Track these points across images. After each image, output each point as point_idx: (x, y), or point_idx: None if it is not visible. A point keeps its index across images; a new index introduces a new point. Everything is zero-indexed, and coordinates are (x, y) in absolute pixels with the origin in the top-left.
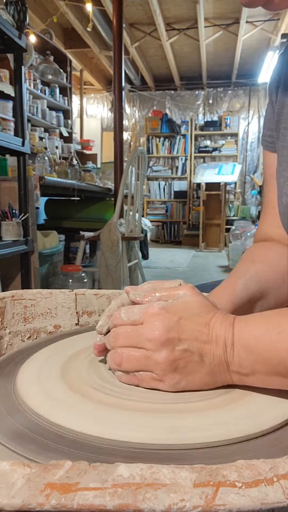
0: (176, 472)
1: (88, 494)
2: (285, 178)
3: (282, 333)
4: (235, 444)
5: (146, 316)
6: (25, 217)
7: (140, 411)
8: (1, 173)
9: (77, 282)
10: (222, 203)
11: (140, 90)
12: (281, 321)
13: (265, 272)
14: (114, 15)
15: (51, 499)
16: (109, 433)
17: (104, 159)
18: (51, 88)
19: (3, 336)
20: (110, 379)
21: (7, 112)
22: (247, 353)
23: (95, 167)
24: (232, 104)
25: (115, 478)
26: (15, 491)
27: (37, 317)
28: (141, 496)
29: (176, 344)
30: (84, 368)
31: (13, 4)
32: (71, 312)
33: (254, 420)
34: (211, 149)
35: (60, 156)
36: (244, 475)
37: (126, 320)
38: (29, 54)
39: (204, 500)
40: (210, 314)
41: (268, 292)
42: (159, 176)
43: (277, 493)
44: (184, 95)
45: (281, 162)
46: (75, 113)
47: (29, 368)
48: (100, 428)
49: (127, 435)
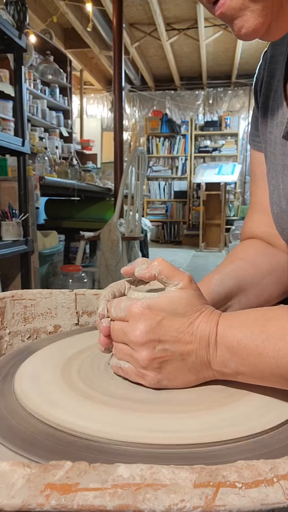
0: (176, 472)
1: (88, 495)
2: (274, 186)
3: (268, 341)
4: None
5: (130, 315)
6: (25, 217)
7: (138, 411)
8: (1, 173)
9: (77, 282)
10: (222, 203)
11: (140, 90)
12: (266, 326)
13: (244, 268)
14: (114, 15)
15: (51, 499)
16: (109, 432)
17: (104, 159)
18: (51, 88)
19: (3, 336)
20: (109, 379)
21: (7, 112)
22: (230, 354)
23: (95, 167)
24: (232, 104)
25: (115, 479)
26: (15, 491)
27: (37, 317)
28: (141, 497)
29: (157, 345)
30: (84, 368)
31: (13, 4)
32: (71, 312)
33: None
34: (211, 149)
35: (60, 156)
36: (244, 476)
37: (115, 316)
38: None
39: (204, 501)
40: (196, 313)
41: (246, 288)
42: (159, 176)
43: (277, 493)
44: (184, 95)
45: (270, 169)
46: (75, 113)
47: (29, 368)
48: (100, 428)
49: (126, 435)
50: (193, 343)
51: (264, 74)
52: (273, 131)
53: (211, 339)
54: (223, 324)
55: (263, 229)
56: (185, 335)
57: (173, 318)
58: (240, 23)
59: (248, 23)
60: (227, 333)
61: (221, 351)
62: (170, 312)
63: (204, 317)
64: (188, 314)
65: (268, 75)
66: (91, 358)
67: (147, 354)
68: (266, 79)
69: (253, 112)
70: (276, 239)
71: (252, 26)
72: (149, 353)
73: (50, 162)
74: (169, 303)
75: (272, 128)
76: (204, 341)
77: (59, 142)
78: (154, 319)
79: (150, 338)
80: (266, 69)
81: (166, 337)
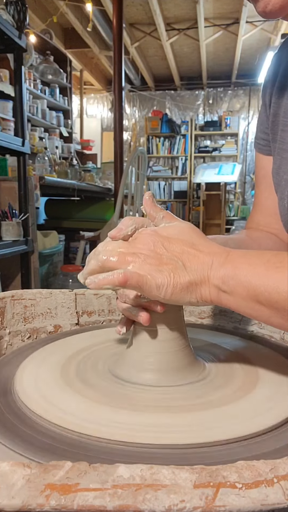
0: (176, 473)
1: (88, 495)
2: (286, 181)
3: (282, 268)
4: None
5: (139, 234)
6: (25, 217)
7: (138, 411)
8: (1, 173)
9: (77, 282)
10: (222, 203)
11: (140, 90)
12: (285, 259)
13: (247, 242)
14: (114, 15)
15: (51, 500)
16: (109, 432)
17: (104, 159)
18: (51, 88)
19: (3, 336)
20: (109, 379)
21: (7, 112)
22: (234, 272)
23: (95, 167)
24: (232, 104)
25: (115, 479)
26: (15, 491)
27: (37, 317)
28: (141, 497)
29: (163, 254)
30: (84, 368)
31: (13, 4)
32: (71, 312)
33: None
34: (211, 149)
35: (60, 156)
36: (244, 476)
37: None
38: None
39: (204, 501)
40: (202, 239)
41: None
42: (159, 176)
43: (278, 494)
44: (184, 95)
45: (281, 165)
46: (75, 113)
47: (29, 368)
48: (100, 427)
49: (126, 434)
50: (198, 255)
51: (278, 74)
52: (286, 128)
53: (221, 257)
54: (238, 252)
55: (260, 228)
56: (192, 249)
57: (180, 238)
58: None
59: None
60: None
61: (226, 268)
62: (177, 234)
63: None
64: (195, 238)
65: (283, 74)
66: (91, 357)
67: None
68: (280, 78)
69: (260, 115)
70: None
71: (279, 2)
72: (155, 256)
73: (50, 162)
74: (175, 229)
75: (285, 126)
76: (211, 256)
77: (59, 142)
78: (161, 236)
79: (158, 250)
80: (281, 68)
81: (172, 250)
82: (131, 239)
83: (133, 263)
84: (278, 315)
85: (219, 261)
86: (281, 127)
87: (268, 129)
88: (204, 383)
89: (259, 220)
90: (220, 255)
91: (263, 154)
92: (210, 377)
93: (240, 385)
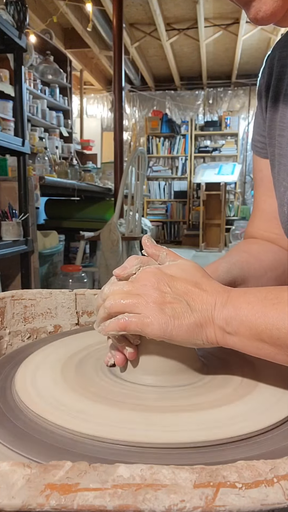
0: (176, 472)
1: (88, 495)
2: (285, 187)
3: (278, 305)
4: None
5: (144, 272)
6: (25, 217)
7: (138, 411)
8: (1, 173)
9: (77, 282)
10: (222, 203)
11: (140, 90)
12: (281, 295)
13: (249, 261)
14: (114, 15)
15: (51, 499)
16: (110, 432)
17: (104, 159)
18: (51, 88)
19: (3, 336)
20: (109, 379)
21: (7, 112)
22: (236, 313)
23: (95, 167)
24: (232, 104)
25: (115, 479)
26: (15, 491)
27: (37, 317)
28: (141, 497)
29: (167, 292)
30: (84, 368)
31: (13, 4)
32: (71, 312)
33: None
34: (211, 149)
35: (60, 156)
36: (244, 476)
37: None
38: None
39: (204, 501)
40: (205, 278)
41: (249, 280)
42: (159, 176)
43: (277, 494)
44: (184, 95)
45: (280, 171)
46: (75, 113)
47: (29, 368)
48: (99, 427)
49: (127, 434)
50: (201, 295)
51: (272, 77)
52: (283, 133)
53: (223, 297)
54: (238, 291)
55: (260, 233)
56: (194, 289)
57: (182, 277)
58: (258, 6)
59: (266, 6)
60: (241, 297)
61: (228, 309)
62: (179, 273)
63: (214, 281)
64: (198, 277)
65: (277, 78)
66: (91, 357)
67: (157, 296)
68: (274, 82)
69: (256, 118)
70: (275, 242)
71: (270, 9)
72: (158, 296)
73: (50, 162)
74: (178, 268)
75: (282, 131)
76: (213, 297)
77: (59, 142)
78: (165, 274)
79: (161, 287)
80: (274, 72)
81: (176, 289)
82: (136, 277)
83: (138, 305)
84: (282, 352)
85: (221, 302)
86: (278, 132)
87: (265, 132)
88: (204, 383)
89: (259, 225)
90: (222, 295)
91: (260, 157)
92: (210, 378)
93: (240, 385)
